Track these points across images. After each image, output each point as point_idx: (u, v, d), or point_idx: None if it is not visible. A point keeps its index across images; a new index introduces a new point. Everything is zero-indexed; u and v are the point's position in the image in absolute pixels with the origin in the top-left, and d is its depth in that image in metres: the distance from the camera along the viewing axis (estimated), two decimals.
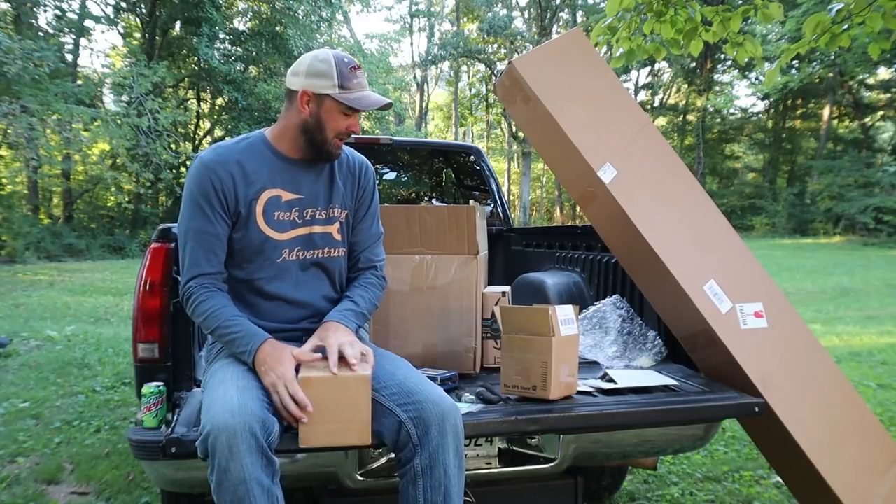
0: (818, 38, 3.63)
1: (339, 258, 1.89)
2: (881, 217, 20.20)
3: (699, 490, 2.86)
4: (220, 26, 17.58)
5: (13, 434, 3.47)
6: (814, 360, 2.09)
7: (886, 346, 5.90)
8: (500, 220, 4.08)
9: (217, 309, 1.68)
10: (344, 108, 1.72)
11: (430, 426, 1.55)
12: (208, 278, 1.71)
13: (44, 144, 13.66)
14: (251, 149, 1.79)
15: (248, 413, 1.43)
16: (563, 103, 2.16)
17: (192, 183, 1.72)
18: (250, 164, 1.76)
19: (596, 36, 4.06)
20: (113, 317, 7.83)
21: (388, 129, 21.93)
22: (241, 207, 1.74)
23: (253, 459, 1.41)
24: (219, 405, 1.46)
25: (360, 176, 1.93)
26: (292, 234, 1.79)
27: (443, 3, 33.82)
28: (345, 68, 1.71)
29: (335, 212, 1.86)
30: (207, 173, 1.71)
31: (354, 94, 1.72)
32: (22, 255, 14.92)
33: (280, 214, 1.77)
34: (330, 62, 1.71)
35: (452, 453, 1.56)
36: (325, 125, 1.74)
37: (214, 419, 1.42)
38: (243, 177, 1.74)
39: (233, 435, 1.39)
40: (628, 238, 2.12)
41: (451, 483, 1.56)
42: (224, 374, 1.60)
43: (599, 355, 2.31)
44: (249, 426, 1.41)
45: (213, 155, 1.75)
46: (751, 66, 22.12)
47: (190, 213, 1.72)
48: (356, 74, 1.72)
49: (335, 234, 1.86)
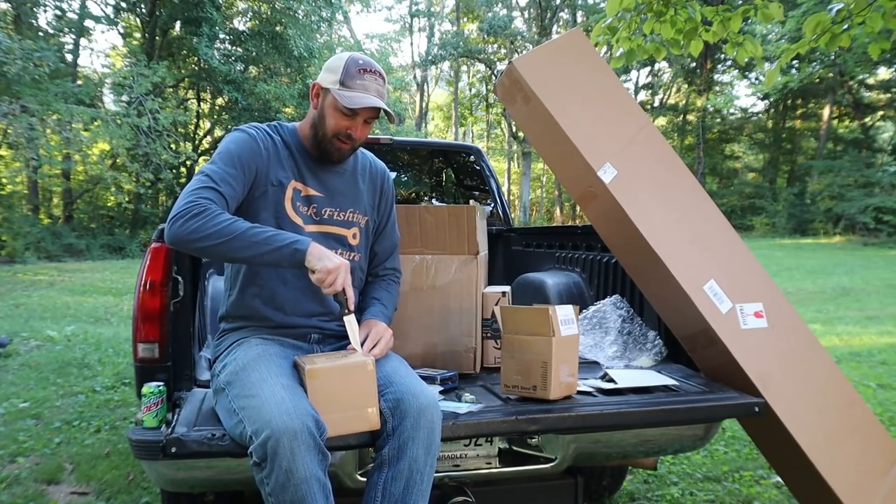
0: (818, 38, 3.63)
1: (355, 263, 1.87)
2: (881, 217, 20.18)
3: (699, 490, 2.86)
4: (220, 26, 17.57)
5: (13, 434, 3.47)
6: (814, 359, 2.09)
7: (886, 346, 5.90)
8: (500, 220, 4.08)
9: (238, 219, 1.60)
10: (342, 107, 1.72)
11: (406, 417, 1.57)
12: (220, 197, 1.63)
13: (44, 144, 13.65)
14: (284, 138, 1.82)
15: (304, 413, 1.45)
16: (563, 103, 2.16)
17: (230, 142, 1.75)
18: (284, 151, 1.80)
19: (596, 36, 4.06)
20: (113, 317, 7.83)
21: (388, 130, 21.95)
22: (269, 184, 1.75)
23: (312, 458, 1.43)
24: (272, 408, 1.45)
25: (382, 184, 1.96)
26: (307, 230, 1.80)
27: (443, 3, 33.82)
28: (353, 68, 1.72)
29: (355, 216, 1.87)
30: (248, 140, 1.75)
31: (349, 93, 1.71)
32: (22, 255, 14.91)
33: (300, 206, 1.80)
34: (343, 60, 1.74)
35: (422, 448, 1.56)
36: (325, 121, 1.76)
37: (273, 422, 1.42)
38: (277, 157, 1.78)
39: (293, 437, 1.41)
40: (628, 238, 2.12)
41: (415, 476, 1.56)
42: (260, 374, 1.58)
43: (599, 355, 2.31)
44: (307, 426, 1.44)
45: (255, 130, 1.79)
46: (751, 66, 22.13)
47: (220, 160, 1.70)
48: (363, 76, 1.71)
49: (350, 239, 1.86)
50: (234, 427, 1.54)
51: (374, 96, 1.73)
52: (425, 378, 1.86)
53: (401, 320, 2.21)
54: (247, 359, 1.66)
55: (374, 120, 1.78)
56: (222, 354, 1.79)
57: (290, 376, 1.60)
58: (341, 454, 1.74)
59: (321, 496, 1.45)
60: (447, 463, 1.90)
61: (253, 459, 1.45)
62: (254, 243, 1.57)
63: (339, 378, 1.57)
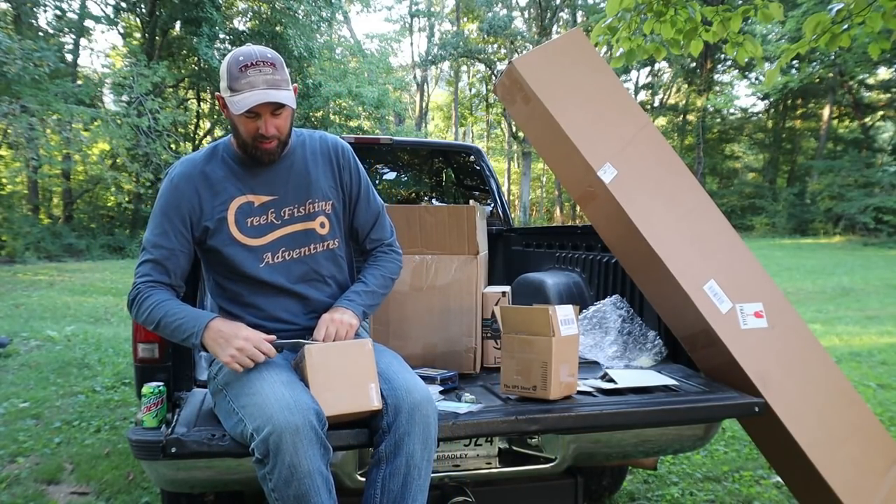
0: (818, 38, 3.63)
1: (328, 252, 1.84)
2: (881, 217, 20.17)
3: (699, 490, 2.86)
4: (220, 26, 17.55)
5: (13, 434, 3.47)
6: (814, 359, 2.09)
7: (886, 346, 5.90)
8: (500, 220, 4.08)
9: (161, 302, 1.66)
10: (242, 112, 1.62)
11: (400, 413, 1.57)
12: (155, 285, 1.70)
13: (44, 144, 13.64)
14: (217, 158, 1.77)
15: (304, 408, 1.46)
16: (563, 103, 2.16)
17: (160, 197, 1.75)
18: (216, 174, 1.74)
19: (596, 36, 4.06)
20: (113, 317, 7.83)
21: (388, 129, 21.94)
22: (206, 222, 1.73)
23: (314, 451, 1.44)
24: (273, 404, 1.46)
25: (337, 158, 1.86)
26: (272, 237, 1.77)
27: (443, 3, 33.80)
28: (235, 68, 1.62)
29: (315, 206, 1.81)
30: (173, 191, 1.73)
31: (237, 97, 1.61)
32: (22, 255, 14.91)
33: (254, 220, 1.75)
34: (225, 63, 1.65)
35: (419, 443, 1.56)
36: (238, 129, 1.70)
37: (274, 419, 1.43)
38: (209, 189, 1.73)
39: (296, 432, 1.42)
40: (628, 238, 2.12)
41: (413, 472, 1.56)
42: (258, 372, 1.59)
43: (599, 355, 2.31)
44: (309, 420, 1.45)
45: (180, 169, 1.76)
46: (751, 66, 22.13)
47: (152, 225, 1.73)
48: (245, 73, 1.60)
49: (318, 230, 1.81)
50: (234, 427, 1.54)
51: (261, 89, 1.61)
52: (425, 378, 1.86)
53: (401, 320, 2.21)
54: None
55: (283, 109, 1.66)
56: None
57: (287, 372, 1.61)
58: (342, 454, 1.74)
59: (325, 490, 1.46)
60: (447, 463, 1.90)
61: (255, 456, 1.46)
62: (168, 331, 1.64)
63: (337, 356, 1.60)
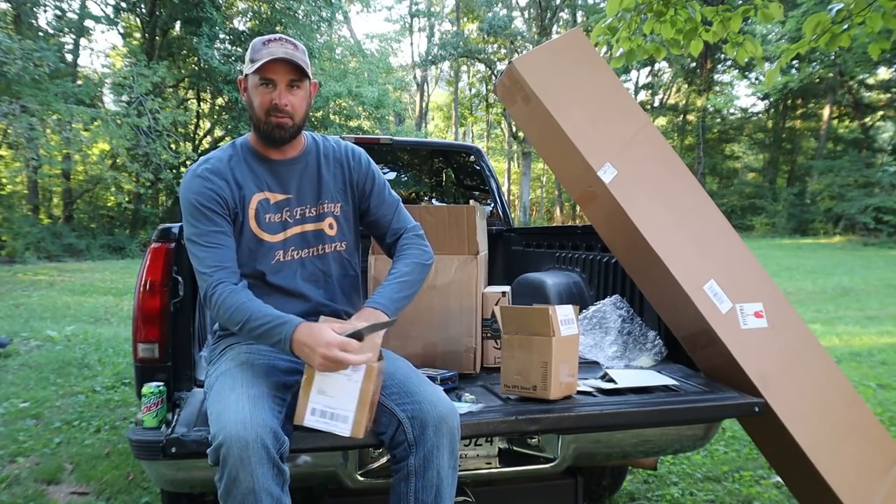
0: (818, 38, 3.63)
1: (336, 253, 1.87)
2: (881, 217, 20.19)
3: (699, 490, 2.86)
4: (220, 26, 17.56)
5: (13, 434, 3.47)
6: (814, 360, 2.09)
7: (886, 346, 5.90)
8: (500, 220, 4.08)
9: (244, 303, 1.63)
10: (258, 80, 1.71)
11: (427, 427, 1.56)
12: (226, 273, 1.68)
13: (44, 144, 13.64)
14: (237, 156, 1.80)
15: (259, 424, 1.44)
16: (563, 103, 2.16)
17: (189, 192, 1.73)
18: (238, 171, 1.78)
19: (596, 36, 4.06)
20: (113, 317, 7.83)
21: (388, 129, 21.94)
22: (238, 209, 1.76)
23: (264, 471, 1.41)
24: (230, 415, 1.45)
25: (350, 162, 1.89)
26: (285, 235, 1.80)
27: (443, 3, 33.80)
28: (258, 44, 1.73)
29: (325, 207, 1.84)
30: (203, 182, 1.73)
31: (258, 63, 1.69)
32: (22, 255, 14.91)
33: (270, 217, 1.78)
34: (250, 46, 1.75)
35: (447, 455, 1.57)
36: (254, 105, 1.74)
37: (226, 430, 1.42)
38: (234, 182, 1.76)
39: (244, 447, 1.40)
40: (628, 238, 2.12)
41: (444, 484, 1.57)
42: (234, 381, 1.58)
43: (599, 355, 2.31)
44: (261, 438, 1.42)
45: (206, 166, 1.77)
46: (751, 66, 22.13)
47: (193, 219, 1.71)
48: (268, 45, 1.71)
49: (327, 230, 1.85)
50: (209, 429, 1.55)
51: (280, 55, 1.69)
52: None
53: (401, 320, 2.20)
54: (230, 365, 1.67)
55: (298, 83, 1.72)
56: (214, 360, 1.80)
57: (264, 386, 1.58)
58: (342, 454, 1.74)
59: None
60: None
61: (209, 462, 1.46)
62: (255, 335, 1.62)
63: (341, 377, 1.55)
